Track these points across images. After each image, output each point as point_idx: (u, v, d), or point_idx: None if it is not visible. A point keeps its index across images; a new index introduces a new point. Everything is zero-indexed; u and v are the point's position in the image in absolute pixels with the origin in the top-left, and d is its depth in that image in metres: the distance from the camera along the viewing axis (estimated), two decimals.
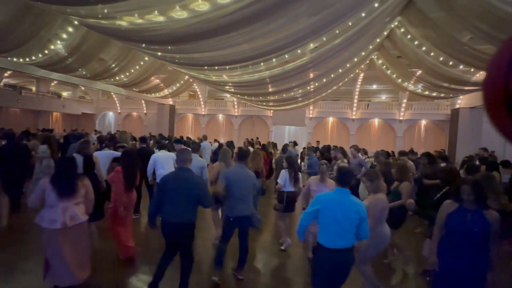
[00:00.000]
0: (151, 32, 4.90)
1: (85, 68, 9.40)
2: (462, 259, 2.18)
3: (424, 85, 10.28)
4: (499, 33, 5.29)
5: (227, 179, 3.09)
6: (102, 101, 22.94)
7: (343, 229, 2.24)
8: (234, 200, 3.09)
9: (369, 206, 2.63)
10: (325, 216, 2.28)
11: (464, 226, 2.17)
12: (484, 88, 0.92)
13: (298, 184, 4.09)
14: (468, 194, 2.18)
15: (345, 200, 2.29)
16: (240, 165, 3.24)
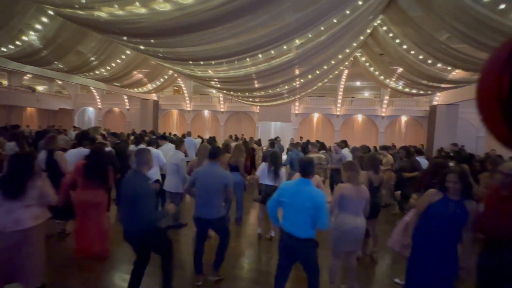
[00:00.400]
0: (133, 24, 4.71)
1: (61, 61, 8.91)
2: (437, 247, 2.27)
3: (404, 82, 10.64)
4: (474, 33, 5.55)
5: (194, 178, 3.01)
6: (81, 96, 21.95)
7: (298, 217, 2.37)
8: (199, 201, 2.99)
9: (333, 194, 2.92)
10: (285, 203, 2.45)
11: (446, 216, 2.23)
12: (478, 93, 0.92)
13: (279, 179, 4.13)
14: (454, 183, 2.23)
15: (303, 189, 2.39)
16: (211, 164, 3.03)
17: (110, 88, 15.25)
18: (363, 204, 2.90)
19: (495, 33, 5.23)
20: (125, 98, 20.52)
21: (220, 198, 3.03)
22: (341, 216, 2.86)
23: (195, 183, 3.00)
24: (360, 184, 2.93)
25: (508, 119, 0.80)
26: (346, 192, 2.83)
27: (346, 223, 2.81)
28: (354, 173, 2.90)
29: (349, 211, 2.85)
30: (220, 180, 2.96)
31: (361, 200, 2.87)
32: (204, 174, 2.99)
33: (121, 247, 3.89)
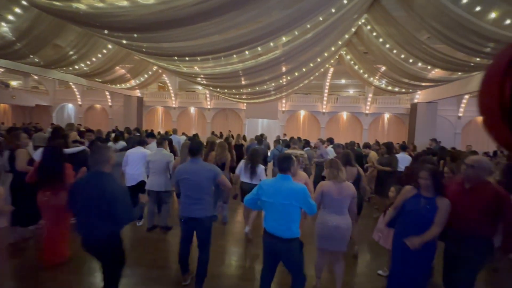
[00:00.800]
0: (114, 18, 4.53)
1: (37, 55, 8.45)
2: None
3: (387, 80, 10.96)
4: (452, 34, 5.79)
5: (177, 176, 2.85)
6: (60, 92, 20.97)
7: (280, 216, 2.27)
8: (186, 200, 2.80)
9: (315, 192, 2.88)
10: (266, 203, 2.34)
11: (417, 211, 2.35)
12: (480, 99, 0.91)
13: (256, 177, 4.06)
14: (425, 179, 2.33)
15: (283, 186, 2.28)
16: (193, 161, 2.85)
17: (91, 84, 14.66)
18: (347, 202, 2.81)
19: (471, 34, 5.48)
20: (107, 94, 19.81)
21: (209, 195, 2.83)
22: (323, 213, 2.83)
23: (179, 183, 2.83)
24: (342, 181, 2.83)
25: (510, 124, 0.82)
26: (326, 190, 2.79)
27: (327, 220, 2.77)
28: (334, 170, 2.85)
29: (330, 209, 2.79)
30: (207, 174, 2.77)
31: (344, 198, 2.78)
32: (187, 172, 2.79)
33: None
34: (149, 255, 3.71)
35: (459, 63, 7.26)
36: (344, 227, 2.76)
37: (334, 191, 2.78)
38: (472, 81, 10.18)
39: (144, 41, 6.22)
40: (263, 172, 4.14)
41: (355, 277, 3.48)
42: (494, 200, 2.21)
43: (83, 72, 10.83)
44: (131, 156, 4.47)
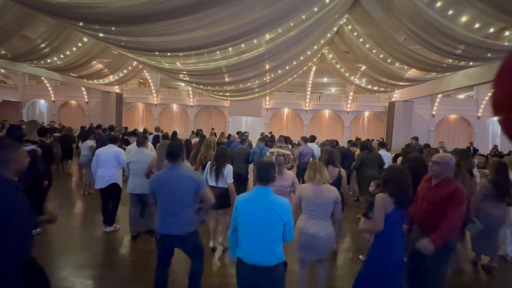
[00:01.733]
0: (89, 9, 4.29)
1: (4, 46, 7.87)
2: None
3: (367, 79, 11.31)
4: (426, 35, 6.06)
5: (152, 186, 2.42)
6: (30, 87, 19.67)
7: (261, 239, 1.85)
8: (161, 214, 2.39)
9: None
10: (242, 224, 1.90)
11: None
12: (494, 97, 0.88)
13: (222, 179, 3.60)
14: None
15: (263, 202, 1.88)
16: (172, 167, 2.41)
17: (65, 79, 13.85)
18: (328, 208, 2.53)
19: (444, 36, 5.77)
20: (83, 90, 18.86)
21: (190, 207, 2.41)
22: (301, 219, 2.60)
23: (155, 193, 2.40)
24: (321, 183, 2.57)
25: None
26: (304, 193, 2.57)
27: (306, 227, 2.52)
28: (311, 171, 2.62)
29: (309, 214, 2.55)
30: (188, 184, 2.35)
31: (323, 202, 2.51)
32: (164, 181, 2.36)
33: (81, 252, 3.65)
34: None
35: (433, 64, 7.63)
36: (323, 236, 2.48)
37: (312, 194, 2.53)
38: (445, 81, 10.75)
39: (123, 34, 5.97)
40: (230, 172, 3.62)
41: (335, 262, 3.58)
42: (452, 194, 2.26)
43: (56, 66, 10.21)
44: (102, 155, 4.15)
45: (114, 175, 4.17)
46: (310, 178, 2.61)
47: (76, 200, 5.89)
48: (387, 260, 2.24)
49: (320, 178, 2.58)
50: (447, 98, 17.65)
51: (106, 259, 3.58)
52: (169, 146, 2.49)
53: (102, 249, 3.83)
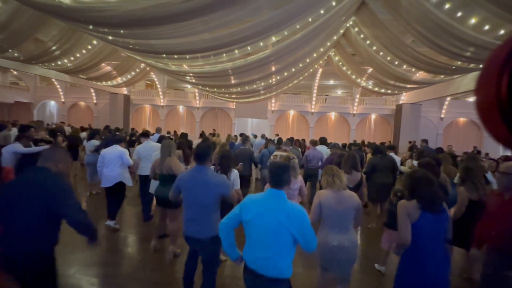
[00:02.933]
0: (99, 13, 4.40)
1: (17, 49, 8.09)
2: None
3: (374, 81, 11.22)
4: (435, 38, 5.99)
5: (179, 184, 2.41)
6: (41, 89, 20.16)
7: (263, 243, 1.70)
8: (186, 216, 2.39)
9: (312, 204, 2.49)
10: (249, 224, 1.75)
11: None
12: (476, 94, 0.88)
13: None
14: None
15: (274, 206, 1.71)
16: (199, 169, 2.37)
17: (75, 81, 14.17)
18: (350, 215, 2.35)
19: (453, 38, 5.69)
20: (92, 91, 19.22)
21: (214, 212, 2.36)
22: (322, 230, 2.38)
23: (181, 191, 2.43)
24: (342, 189, 2.39)
25: (507, 120, 0.79)
26: (323, 200, 2.34)
27: (328, 240, 2.30)
28: (329, 177, 2.43)
29: (331, 224, 2.33)
30: (214, 189, 2.31)
31: (346, 209, 2.33)
32: (190, 182, 2.34)
33: (87, 251, 3.69)
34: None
35: (441, 66, 7.53)
36: (349, 245, 2.29)
37: (333, 202, 2.32)
38: (454, 83, 10.59)
39: (131, 37, 6.08)
40: (237, 178, 3.41)
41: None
42: None
43: (66, 68, 10.45)
44: (107, 156, 4.27)
45: (119, 174, 4.29)
46: (329, 184, 2.41)
47: (82, 200, 5.99)
48: (417, 277, 1.94)
49: (340, 183, 2.40)
50: (456, 101, 17.35)
51: (112, 257, 3.63)
52: (197, 147, 2.44)
53: (108, 247, 3.88)
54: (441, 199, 2.01)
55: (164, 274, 3.28)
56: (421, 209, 1.94)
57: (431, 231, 1.94)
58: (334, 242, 2.28)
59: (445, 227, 1.99)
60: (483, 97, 0.87)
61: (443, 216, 1.98)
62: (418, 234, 1.93)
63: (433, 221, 1.94)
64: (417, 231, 1.93)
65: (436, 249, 1.95)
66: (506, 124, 0.81)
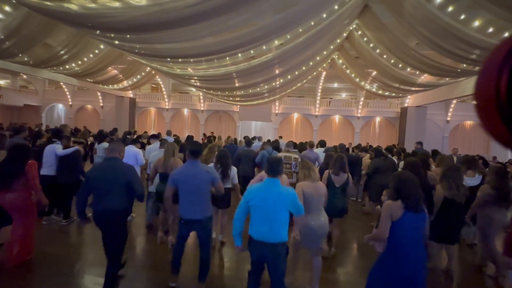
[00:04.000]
0: (106, 18, 4.51)
1: (27, 53, 8.32)
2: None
3: (378, 84, 11.18)
4: (439, 40, 5.97)
5: (175, 178, 2.86)
6: (49, 92, 20.57)
7: (267, 219, 2.25)
8: (183, 202, 2.86)
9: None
10: (254, 207, 2.30)
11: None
12: (476, 93, 0.88)
13: (228, 180, 3.88)
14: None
15: (272, 191, 2.29)
16: (191, 163, 2.87)
17: (82, 84, 14.44)
18: (323, 201, 2.96)
19: (458, 41, 5.67)
20: (99, 95, 19.54)
21: (207, 197, 2.88)
22: (306, 214, 2.80)
23: (176, 185, 2.85)
24: (316, 180, 2.96)
25: (506, 119, 0.78)
26: (306, 189, 2.85)
27: (308, 221, 2.81)
28: (305, 170, 2.96)
29: (310, 209, 2.83)
30: (205, 177, 2.83)
31: (320, 197, 2.92)
32: (186, 175, 2.82)
33: (93, 250, 3.75)
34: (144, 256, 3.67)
35: (446, 69, 7.48)
36: (325, 224, 2.91)
37: (313, 191, 2.87)
38: (460, 86, 10.48)
39: (137, 42, 6.20)
40: (235, 174, 4.00)
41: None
42: None
43: (74, 72, 10.68)
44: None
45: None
46: (306, 177, 2.94)
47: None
48: (393, 273, 2.11)
49: (315, 176, 2.96)
50: (462, 104, 17.13)
51: None
52: (192, 145, 2.98)
53: None
54: (422, 200, 2.19)
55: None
56: (404, 208, 2.11)
57: (412, 229, 2.12)
58: (314, 222, 2.83)
59: (424, 225, 2.19)
60: (482, 97, 0.87)
61: (423, 215, 2.16)
62: (401, 232, 2.10)
63: (414, 220, 2.12)
64: (399, 229, 2.11)
65: (416, 246, 2.13)
66: (505, 123, 0.81)
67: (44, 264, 3.38)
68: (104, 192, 2.65)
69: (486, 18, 5.48)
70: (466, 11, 5.63)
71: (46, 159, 4.56)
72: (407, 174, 2.28)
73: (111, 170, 2.69)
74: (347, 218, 5.65)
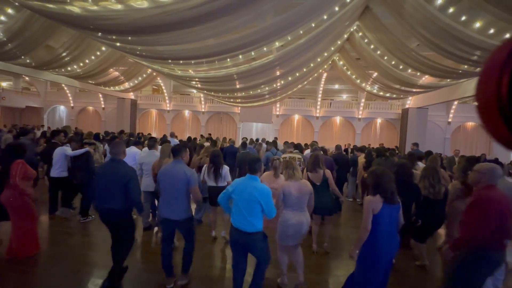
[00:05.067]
0: (108, 20, 4.54)
1: (29, 56, 8.36)
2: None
3: (379, 86, 11.17)
4: (440, 41, 5.97)
5: (158, 176, 2.97)
6: (51, 94, 20.66)
7: (245, 212, 2.48)
8: (162, 201, 2.93)
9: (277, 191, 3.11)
10: (235, 200, 2.57)
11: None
12: (477, 94, 0.88)
13: (221, 178, 4.06)
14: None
15: (249, 185, 2.51)
16: (174, 163, 2.95)
17: (84, 86, 14.50)
18: (305, 199, 3.01)
19: (459, 42, 5.66)
20: (100, 96, 19.62)
21: (185, 198, 2.91)
22: (284, 212, 2.98)
23: (159, 183, 2.97)
24: (299, 179, 3.04)
25: (507, 120, 0.79)
26: (286, 189, 2.96)
27: (288, 219, 2.93)
28: (290, 170, 3.06)
29: (291, 206, 2.95)
30: (181, 177, 2.83)
31: (303, 195, 2.98)
32: (165, 174, 2.90)
33: (94, 251, 3.76)
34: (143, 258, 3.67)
35: (447, 70, 7.47)
36: (304, 223, 2.97)
37: (293, 190, 2.95)
38: (461, 87, 10.46)
39: (138, 44, 6.23)
40: (227, 173, 4.15)
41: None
42: None
43: (76, 73, 10.72)
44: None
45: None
46: (290, 176, 3.04)
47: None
48: (373, 259, 2.35)
49: (298, 175, 3.05)
50: (463, 105, 17.08)
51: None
52: (174, 145, 3.05)
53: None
54: (396, 193, 2.40)
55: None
56: (383, 202, 2.32)
57: (388, 219, 2.35)
58: (293, 220, 2.92)
59: (398, 215, 2.44)
60: (484, 97, 0.87)
61: (398, 206, 2.41)
62: (380, 222, 2.32)
63: (390, 210, 2.35)
64: (378, 220, 2.32)
65: (391, 233, 2.40)
66: (507, 124, 0.81)
67: (50, 261, 3.49)
68: (104, 191, 2.77)
69: (487, 19, 5.48)
70: (466, 12, 5.63)
71: (56, 161, 4.75)
72: (381, 170, 2.46)
73: (112, 171, 2.79)
74: (345, 219, 5.74)
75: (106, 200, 2.76)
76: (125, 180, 2.73)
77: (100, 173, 2.86)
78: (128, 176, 2.76)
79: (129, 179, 2.75)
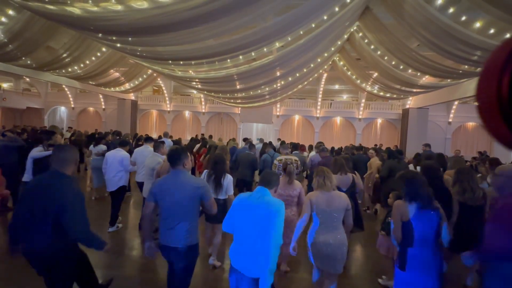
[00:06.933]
0: (108, 21, 4.54)
1: (29, 57, 8.37)
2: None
3: (379, 86, 11.16)
4: (440, 42, 5.96)
5: (154, 192, 2.17)
6: (52, 95, 20.70)
7: (250, 246, 1.83)
8: (162, 225, 2.16)
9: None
10: (236, 222, 1.96)
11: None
12: (477, 94, 0.88)
13: (222, 190, 3.31)
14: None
15: (259, 202, 1.90)
16: (174, 173, 2.20)
17: (84, 87, 14.53)
18: (339, 215, 2.46)
19: (459, 42, 5.65)
20: (100, 97, 19.65)
21: (193, 217, 2.17)
22: (312, 228, 2.54)
23: (156, 200, 2.17)
24: (331, 190, 2.51)
25: (508, 120, 0.79)
26: (313, 200, 2.48)
27: (316, 237, 2.45)
28: (320, 178, 2.53)
29: (320, 223, 2.46)
30: (191, 192, 2.13)
31: (334, 209, 2.44)
32: (165, 188, 2.13)
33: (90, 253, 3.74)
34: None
35: (448, 70, 7.46)
36: (335, 244, 2.39)
37: (322, 202, 2.45)
38: (461, 87, 10.45)
39: (139, 44, 6.24)
40: (230, 184, 3.38)
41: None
42: None
43: (76, 74, 10.74)
44: (109, 159, 4.37)
45: (121, 178, 4.37)
46: (320, 186, 2.53)
47: (88, 203, 6.07)
48: (404, 279, 2.04)
49: (330, 185, 2.51)
50: (464, 105, 17.07)
51: (116, 260, 3.67)
52: (169, 150, 2.31)
53: (112, 250, 3.90)
54: (433, 197, 2.10)
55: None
56: (416, 208, 2.04)
57: (422, 228, 2.03)
58: (322, 239, 2.42)
59: (436, 225, 2.06)
60: (484, 97, 0.88)
61: (436, 213, 2.07)
62: (409, 231, 2.04)
63: (425, 219, 2.03)
64: (406, 228, 2.04)
65: (428, 245, 2.03)
66: (507, 124, 0.81)
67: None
68: (27, 220, 1.96)
69: (487, 19, 5.48)
70: (466, 12, 5.63)
71: (28, 164, 4.25)
72: (412, 173, 2.23)
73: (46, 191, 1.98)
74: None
75: (28, 237, 1.90)
76: (56, 207, 1.84)
77: (24, 197, 1.95)
78: (64, 201, 1.85)
79: (65, 204, 1.85)
